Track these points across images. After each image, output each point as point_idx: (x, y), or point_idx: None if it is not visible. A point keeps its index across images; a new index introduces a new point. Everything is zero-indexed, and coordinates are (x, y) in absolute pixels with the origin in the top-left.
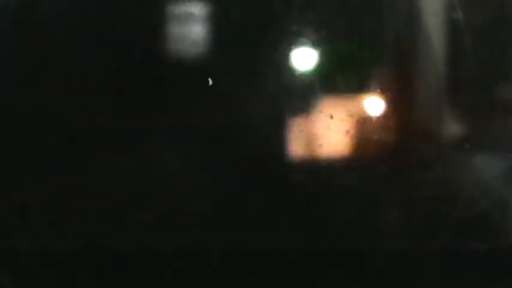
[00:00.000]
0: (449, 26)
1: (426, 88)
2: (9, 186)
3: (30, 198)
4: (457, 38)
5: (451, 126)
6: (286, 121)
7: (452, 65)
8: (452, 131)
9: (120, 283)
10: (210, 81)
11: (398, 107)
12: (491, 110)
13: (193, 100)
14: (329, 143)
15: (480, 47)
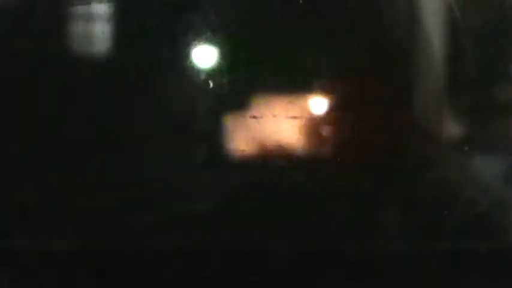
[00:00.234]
0: (445, 26)
1: (424, 89)
2: (9, 186)
3: (30, 198)
4: (452, 38)
5: (451, 126)
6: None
7: (447, 65)
8: (452, 132)
9: (120, 283)
10: (211, 84)
11: (398, 108)
12: (490, 111)
13: None
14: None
15: (479, 47)
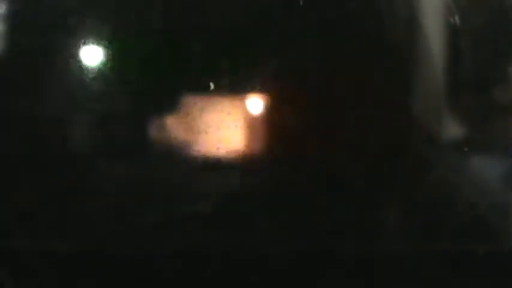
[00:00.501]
0: (444, 28)
1: (423, 90)
2: (9, 186)
3: (30, 198)
4: (451, 40)
5: (451, 128)
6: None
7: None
8: (451, 133)
9: (120, 283)
10: (212, 86)
11: (397, 108)
12: (490, 112)
13: None
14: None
15: (478, 49)
